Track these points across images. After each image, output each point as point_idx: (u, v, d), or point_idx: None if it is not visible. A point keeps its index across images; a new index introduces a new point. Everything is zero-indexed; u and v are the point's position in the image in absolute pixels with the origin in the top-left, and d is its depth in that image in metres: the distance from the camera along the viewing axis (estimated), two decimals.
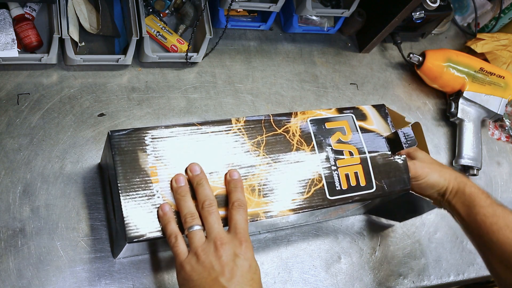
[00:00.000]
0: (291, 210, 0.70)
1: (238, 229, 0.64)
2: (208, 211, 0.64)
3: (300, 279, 0.84)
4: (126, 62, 0.88)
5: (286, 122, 0.74)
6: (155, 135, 0.67)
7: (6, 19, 0.80)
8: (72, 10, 0.85)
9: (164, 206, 0.64)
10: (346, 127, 0.77)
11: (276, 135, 0.73)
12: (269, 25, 1.03)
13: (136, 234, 0.62)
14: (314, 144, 0.74)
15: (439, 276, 0.94)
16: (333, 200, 0.72)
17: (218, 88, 0.95)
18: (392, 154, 0.77)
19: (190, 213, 0.65)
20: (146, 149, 0.66)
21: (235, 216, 0.65)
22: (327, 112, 0.77)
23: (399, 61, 1.14)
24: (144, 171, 0.65)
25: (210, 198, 0.65)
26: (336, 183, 0.73)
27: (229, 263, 0.61)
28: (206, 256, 0.61)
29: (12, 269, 0.70)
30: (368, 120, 0.79)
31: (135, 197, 0.64)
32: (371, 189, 0.74)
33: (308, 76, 1.04)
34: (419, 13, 1.06)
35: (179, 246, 0.63)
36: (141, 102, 0.88)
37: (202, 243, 0.63)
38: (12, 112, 0.80)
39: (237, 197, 0.66)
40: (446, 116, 1.11)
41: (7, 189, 0.74)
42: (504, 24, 1.22)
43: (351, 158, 0.75)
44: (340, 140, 0.76)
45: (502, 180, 1.10)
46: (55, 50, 0.81)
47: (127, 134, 0.66)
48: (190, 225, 0.64)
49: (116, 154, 0.65)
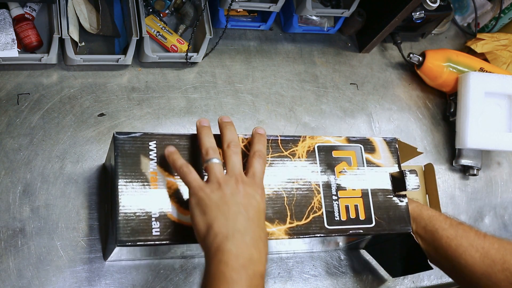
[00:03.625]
0: (287, 234, 0.69)
1: (256, 176, 0.65)
2: (233, 150, 0.65)
3: (300, 279, 0.84)
4: (126, 62, 0.88)
5: (293, 145, 0.74)
6: (160, 141, 0.67)
7: (6, 19, 0.80)
8: (72, 10, 0.85)
9: (170, 146, 0.65)
10: (353, 157, 0.76)
11: (281, 157, 0.72)
12: (269, 25, 1.03)
13: (127, 238, 0.62)
14: (318, 170, 0.73)
15: (439, 276, 0.94)
16: (331, 230, 0.71)
17: (218, 88, 0.95)
18: (394, 192, 0.76)
19: (212, 148, 0.65)
20: (150, 154, 0.66)
21: (254, 163, 0.65)
22: (336, 139, 0.76)
23: (399, 61, 1.14)
24: (145, 176, 0.65)
25: (236, 141, 0.66)
26: (335, 213, 0.72)
27: (248, 198, 0.61)
28: (227, 186, 0.61)
29: (12, 269, 0.70)
30: (376, 153, 0.78)
31: (131, 201, 0.64)
32: (370, 224, 0.73)
33: (308, 76, 1.04)
34: (419, 13, 1.06)
35: (192, 174, 0.63)
36: (141, 102, 0.88)
37: (223, 175, 0.63)
38: (12, 112, 0.80)
39: (259, 148, 0.67)
40: (446, 116, 1.11)
41: (7, 189, 0.74)
42: (504, 24, 1.22)
43: (353, 190, 0.74)
44: (345, 170, 0.75)
45: (502, 180, 1.10)
46: (55, 50, 0.81)
47: (132, 137, 0.67)
48: (211, 157, 0.64)
49: (118, 156, 0.65)
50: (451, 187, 1.05)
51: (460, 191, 1.05)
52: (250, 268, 0.56)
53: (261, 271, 0.58)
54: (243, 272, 0.56)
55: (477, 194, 1.06)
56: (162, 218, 0.64)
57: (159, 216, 0.64)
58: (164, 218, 0.64)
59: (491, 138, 1.02)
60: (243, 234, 0.58)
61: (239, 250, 0.57)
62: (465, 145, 1.01)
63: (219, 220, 0.59)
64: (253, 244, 0.58)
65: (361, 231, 0.73)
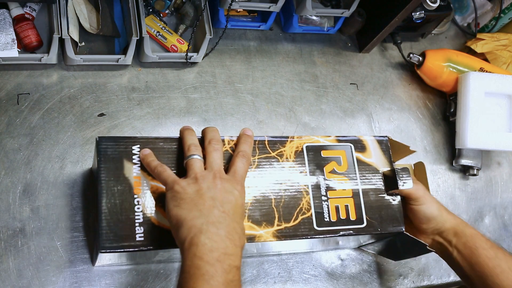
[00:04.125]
0: (275, 237, 0.68)
1: (237, 174, 0.64)
2: (214, 147, 0.65)
3: (300, 279, 0.84)
4: (126, 62, 0.88)
5: (281, 146, 0.73)
6: (144, 145, 0.66)
7: (6, 19, 0.80)
8: (72, 10, 0.85)
9: (145, 149, 0.65)
10: (343, 157, 0.75)
11: (269, 158, 0.71)
12: (269, 25, 1.03)
13: (110, 244, 0.61)
14: (307, 171, 0.72)
15: (439, 276, 0.94)
16: (320, 231, 0.70)
17: (218, 88, 0.95)
18: (386, 191, 0.75)
19: (194, 144, 0.65)
20: (133, 158, 0.66)
21: (237, 162, 0.66)
22: (325, 139, 0.76)
23: (399, 61, 1.14)
24: (128, 181, 0.64)
25: (218, 138, 0.66)
26: (325, 214, 0.71)
27: (226, 192, 0.61)
28: (204, 180, 0.61)
29: (12, 269, 0.70)
30: (366, 152, 0.77)
31: (115, 206, 0.63)
32: (361, 224, 0.73)
33: (308, 76, 1.04)
34: (419, 13, 1.06)
35: (166, 171, 0.63)
36: (141, 102, 0.88)
37: (201, 170, 0.63)
38: (12, 112, 0.80)
39: (243, 148, 0.67)
40: (446, 116, 1.11)
41: (7, 189, 0.74)
42: (504, 24, 1.22)
43: (343, 190, 0.73)
44: (335, 170, 0.74)
45: (502, 180, 1.10)
46: (55, 50, 0.81)
47: (115, 141, 0.66)
48: (192, 153, 0.64)
49: (101, 161, 0.64)
50: (451, 187, 1.05)
51: (460, 191, 1.05)
52: (226, 261, 0.56)
53: (236, 264, 0.57)
54: (218, 266, 0.55)
55: (477, 194, 1.06)
56: (146, 223, 0.63)
57: (143, 221, 0.63)
58: (148, 223, 0.64)
59: (491, 138, 1.02)
60: (217, 227, 0.58)
61: (214, 243, 0.56)
62: (465, 145, 1.01)
63: (193, 213, 0.58)
64: (227, 237, 0.58)
65: (352, 231, 0.72)
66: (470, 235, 0.76)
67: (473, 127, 1.01)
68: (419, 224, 0.78)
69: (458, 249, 0.76)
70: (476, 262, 0.74)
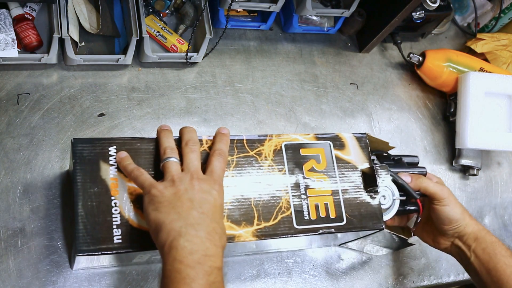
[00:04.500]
0: (254, 236, 0.68)
1: (215, 173, 0.64)
2: (191, 148, 0.64)
3: (300, 279, 0.84)
4: (126, 62, 0.88)
5: (260, 144, 0.72)
6: (120, 146, 0.65)
7: (6, 19, 0.80)
8: (72, 10, 0.85)
9: (121, 152, 0.64)
10: (322, 155, 0.75)
11: (247, 157, 0.71)
12: (269, 25, 1.03)
13: (87, 247, 0.61)
14: (286, 170, 0.72)
15: (439, 276, 0.94)
16: (300, 229, 0.70)
17: (218, 88, 0.95)
18: (365, 189, 0.75)
19: (170, 147, 0.64)
20: (110, 160, 0.65)
21: (214, 161, 0.65)
22: (304, 137, 0.75)
23: (399, 61, 1.14)
24: (105, 183, 0.64)
25: (195, 140, 0.66)
26: (304, 212, 0.71)
27: (203, 193, 0.61)
28: (181, 182, 0.61)
29: (12, 269, 0.70)
30: (345, 149, 0.76)
31: (92, 208, 0.62)
32: (341, 222, 0.72)
33: (308, 76, 1.04)
34: (419, 13, 1.06)
35: (143, 175, 0.62)
36: (141, 102, 0.88)
37: (178, 172, 0.62)
38: (12, 112, 0.80)
39: (219, 147, 0.67)
40: (446, 116, 1.11)
41: (7, 189, 0.74)
42: (504, 24, 1.22)
43: (323, 188, 0.73)
44: (314, 168, 0.73)
45: (502, 180, 1.10)
46: (55, 50, 0.81)
47: (91, 143, 0.65)
48: (168, 156, 0.63)
49: (77, 163, 0.63)
50: (451, 187, 1.05)
51: (460, 191, 1.05)
52: (206, 263, 0.55)
53: (218, 265, 0.57)
54: (199, 268, 0.55)
55: (477, 194, 1.06)
56: (123, 225, 0.63)
57: (120, 223, 0.63)
58: (126, 225, 0.63)
59: (491, 138, 1.02)
60: (196, 229, 0.57)
61: (193, 245, 0.56)
62: (465, 145, 1.01)
63: (172, 216, 0.58)
64: (207, 238, 0.57)
65: (332, 229, 0.72)
66: (490, 241, 0.76)
67: (473, 127, 1.01)
68: (441, 225, 0.78)
69: (476, 254, 0.76)
70: (493, 267, 0.74)
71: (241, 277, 0.81)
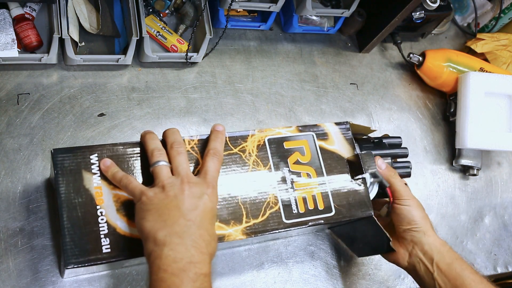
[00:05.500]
0: (244, 234, 0.67)
1: (209, 175, 0.63)
2: (177, 150, 0.63)
3: (300, 279, 0.84)
4: (126, 62, 0.88)
5: (243, 141, 0.72)
6: (102, 153, 0.65)
7: (6, 19, 0.80)
8: (72, 10, 0.85)
9: (105, 160, 0.63)
10: (306, 147, 0.74)
11: (231, 154, 0.70)
12: (269, 25, 1.03)
13: (76, 260, 0.60)
14: (271, 164, 0.72)
15: None
16: (290, 224, 0.70)
17: (218, 88, 0.95)
18: (352, 177, 0.75)
19: (157, 149, 0.63)
20: (92, 168, 0.64)
21: (208, 162, 0.64)
22: (287, 130, 0.75)
23: (399, 61, 1.14)
24: (89, 192, 0.63)
25: (179, 140, 0.65)
26: (293, 206, 0.71)
27: (193, 198, 0.60)
28: (171, 188, 0.60)
29: (12, 269, 0.70)
30: (329, 139, 0.76)
31: (78, 219, 0.61)
32: (329, 212, 0.72)
33: (308, 76, 1.04)
34: (419, 13, 1.06)
35: (133, 182, 0.61)
36: (141, 102, 0.88)
37: (168, 177, 0.61)
38: (12, 112, 0.80)
39: (214, 146, 0.66)
40: (446, 116, 1.11)
41: (7, 189, 0.74)
42: (504, 24, 1.22)
43: (309, 180, 0.72)
44: (299, 161, 0.73)
45: (502, 180, 1.10)
46: (55, 50, 0.81)
47: (72, 152, 0.64)
48: (157, 159, 0.62)
49: (58, 174, 0.62)
50: (451, 187, 1.05)
51: (460, 191, 1.05)
52: (191, 270, 0.55)
53: (204, 271, 0.57)
54: (183, 275, 0.54)
55: (477, 194, 1.06)
56: (111, 233, 0.62)
57: (108, 232, 0.62)
58: (114, 233, 0.62)
59: (491, 138, 1.02)
60: (181, 237, 0.57)
61: (177, 254, 0.56)
62: (465, 145, 1.01)
63: (158, 225, 0.57)
64: (193, 245, 0.57)
65: (322, 221, 0.71)
66: (455, 257, 0.73)
67: (473, 127, 1.01)
68: (400, 226, 0.75)
69: (440, 269, 0.72)
70: (461, 284, 0.71)
71: (241, 277, 0.81)
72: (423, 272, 0.74)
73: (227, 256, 0.82)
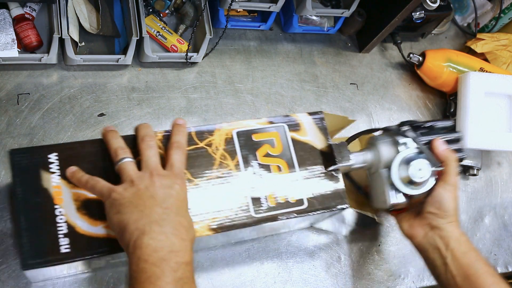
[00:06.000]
0: (211, 230, 0.65)
1: (175, 167, 0.62)
2: (148, 144, 0.63)
3: (300, 279, 0.84)
4: (126, 62, 0.88)
5: (209, 134, 0.70)
6: (60, 152, 0.63)
7: (6, 19, 0.80)
8: (72, 10, 0.85)
9: (70, 167, 0.62)
10: (276, 139, 0.72)
11: (197, 149, 0.68)
12: (269, 25, 1.03)
13: (33, 261, 0.58)
14: (239, 158, 0.69)
15: None
16: (259, 218, 0.67)
17: (218, 88, 0.95)
18: (325, 168, 0.73)
19: (120, 147, 0.62)
20: (50, 168, 0.62)
21: (173, 155, 0.63)
22: (256, 122, 0.73)
23: (399, 61, 1.14)
24: (47, 192, 0.61)
25: (150, 134, 0.64)
26: (262, 200, 0.68)
27: (165, 188, 0.59)
28: (141, 181, 0.59)
29: (12, 269, 0.70)
30: (301, 130, 0.73)
31: (35, 220, 0.60)
32: (302, 205, 0.70)
33: (308, 76, 1.04)
34: (419, 13, 1.06)
35: (99, 182, 0.60)
36: (141, 102, 0.88)
37: (136, 172, 0.60)
38: (12, 112, 0.80)
39: (177, 139, 0.65)
40: (446, 116, 1.11)
41: (7, 189, 0.74)
42: (504, 24, 1.22)
43: (280, 173, 0.70)
44: (269, 153, 0.71)
45: (502, 180, 1.10)
46: (55, 50, 0.81)
47: (29, 152, 0.62)
48: (122, 156, 0.61)
49: (16, 175, 0.61)
50: None
51: (460, 191, 1.05)
52: (172, 259, 0.54)
53: (185, 260, 0.56)
54: (164, 265, 0.54)
55: (477, 194, 1.06)
56: (70, 233, 0.60)
57: (67, 231, 0.60)
58: (73, 233, 0.60)
59: (491, 138, 1.02)
60: (161, 225, 0.56)
61: (158, 242, 0.55)
62: (465, 145, 1.01)
63: (135, 216, 0.56)
64: (173, 233, 0.56)
65: (294, 214, 0.69)
66: (473, 248, 0.73)
67: (473, 127, 1.01)
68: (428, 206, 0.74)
69: (454, 256, 0.72)
70: (474, 274, 0.70)
71: (241, 277, 0.81)
72: (435, 255, 0.74)
73: (227, 256, 0.82)
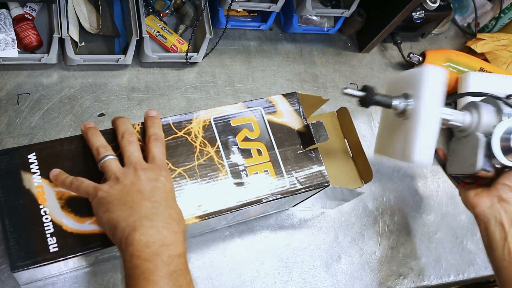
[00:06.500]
0: (197, 217, 0.65)
1: (157, 159, 0.62)
2: (128, 140, 0.62)
3: (300, 279, 0.84)
4: (126, 62, 0.88)
5: (187, 123, 0.70)
6: (40, 151, 0.62)
7: (6, 19, 0.80)
8: (72, 10, 0.85)
9: (53, 170, 0.61)
10: (254, 122, 0.72)
11: (176, 138, 0.68)
12: (269, 25, 1.03)
13: (23, 262, 0.57)
14: (218, 144, 0.70)
15: (439, 276, 0.94)
16: (243, 202, 0.68)
17: (218, 88, 0.95)
18: (304, 148, 0.73)
19: (102, 145, 0.62)
20: (31, 168, 0.61)
21: (152, 148, 0.63)
22: (232, 107, 0.73)
23: (399, 61, 1.14)
24: (29, 192, 0.60)
25: (130, 130, 0.64)
26: (246, 184, 0.69)
27: (151, 181, 0.59)
28: (126, 177, 0.59)
29: None
30: (277, 112, 0.74)
31: (21, 221, 0.59)
32: (283, 186, 0.70)
33: (308, 76, 1.04)
34: (419, 13, 1.06)
35: (84, 182, 0.59)
36: (141, 102, 0.88)
37: (119, 169, 0.60)
38: (12, 112, 0.80)
39: (154, 131, 0.65)
40: None
41: None
42: (504, 24, 1.22)
43: (260, 156, 0.71)
44: (248, 137, 0.71)
45: None
46: (55, 50, 0.81)
47: (8, 153, 0.61)
48: (104, 154, 0.61)
49: None
50: (451, 187, 1.04)
51: None
52: (164, 253, 0.54)
53: (178, 252, 0.56)
54: (157, 260, 0.53)
55: None
56: (58, 232, 0.60)
57: (54, 231, 0.59)
58: (60, 231, 0.60)
59: None
60: (151, 219, 0.56)
61: (149, 237, 0.54)
62: None
63: (125, 213, 0.56)
64: (164, 226, 0.56)
65: (279, 195, 0.70)
66: None
67: None
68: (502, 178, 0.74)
69: None
70: None
71: (241, 277, 0.81)
72: (496, 228, 0.73)
73: (227, 256, 0.82)
